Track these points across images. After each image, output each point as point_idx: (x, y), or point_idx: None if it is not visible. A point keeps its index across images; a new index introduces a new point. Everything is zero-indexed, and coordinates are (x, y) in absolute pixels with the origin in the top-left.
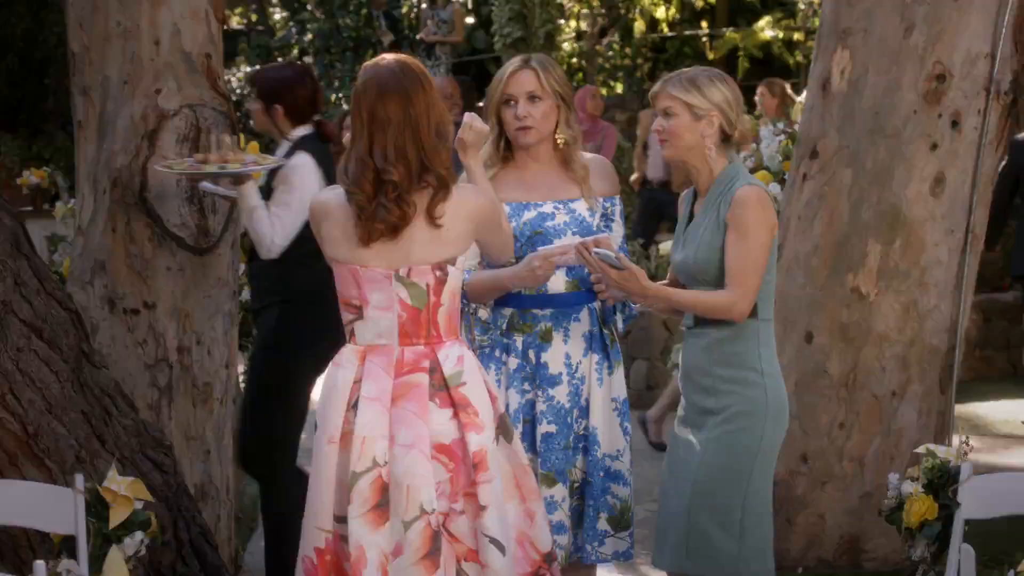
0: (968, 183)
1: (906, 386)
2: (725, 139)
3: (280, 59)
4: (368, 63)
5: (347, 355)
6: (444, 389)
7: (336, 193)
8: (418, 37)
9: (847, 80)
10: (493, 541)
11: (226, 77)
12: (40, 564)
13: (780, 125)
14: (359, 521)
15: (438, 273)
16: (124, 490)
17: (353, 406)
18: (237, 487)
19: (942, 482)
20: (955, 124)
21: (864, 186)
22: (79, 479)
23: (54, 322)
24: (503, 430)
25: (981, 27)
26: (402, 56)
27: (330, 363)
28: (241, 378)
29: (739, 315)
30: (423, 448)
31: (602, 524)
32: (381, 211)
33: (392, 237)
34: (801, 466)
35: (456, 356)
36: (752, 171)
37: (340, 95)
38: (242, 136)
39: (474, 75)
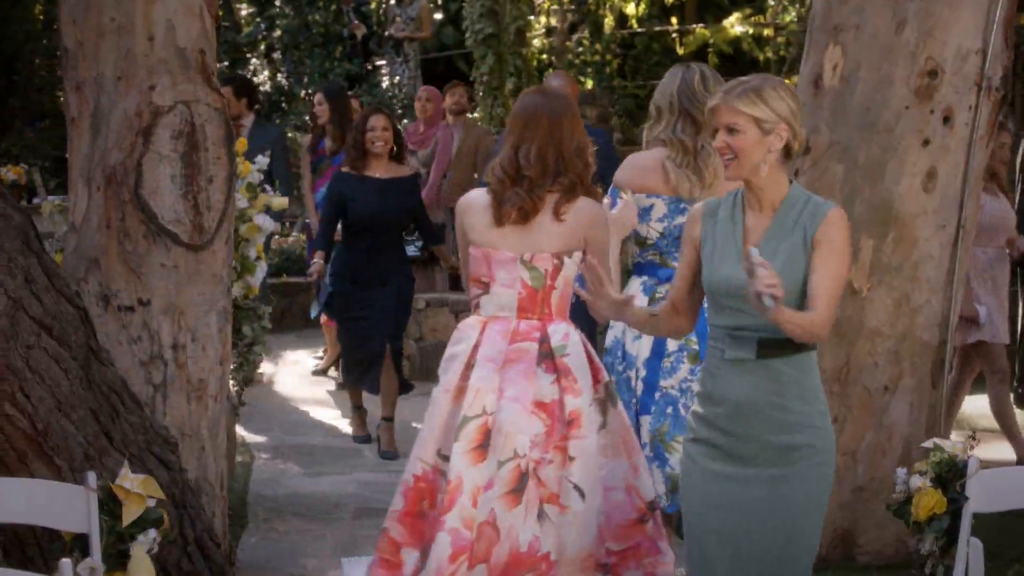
0: (959, 178)
1: (898, 380)
2: (787, 153)
3: (249, 55)
4: (528, 93)
5: (471, 323)
6: (550, 358)
7: (480, 192)
8: (386, 33)
9: (839, 76)
10: (576, 488)
11: None
12: (66, 562)
13: None
14: (462, 457)
15: (556, 261)
16: (137, 488)
17: (470, 366)
18: (228, 484)
19: (950, 476)
20: (947, 120)
21: (856, 181)
22: (91, 477)
23: (63, 319)
24: (609, 397)
25: (972, 23)
26: (555, 88)
27: (456, 330)
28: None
29: (822, 339)
30: (525, 404)
31: None
32: (515, 198)
33: (522, 223)
34: None
35: (563, 332)
36: None
37: (310, 91)
38: None
39: (443, 71)
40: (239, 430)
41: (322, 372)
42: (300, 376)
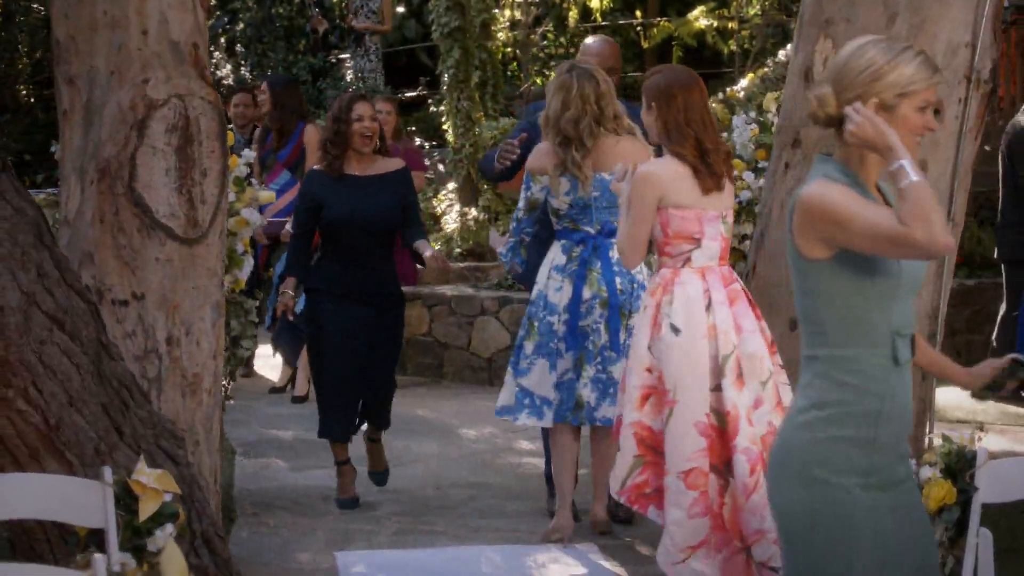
0: (949, 171)
1: None
2: None
3: (211, 49)
4: (663, 67)
5: (688, 274)
6: (746, 293)
7: (661, 163)
8: (346, 25)
9: None
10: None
11: None
12: (100, 557)
13: (752, 114)
14: (731, 388)
15: (731, 214)
16: (153, 482)
17: (707, 308)
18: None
19: (959, 467)
20: (936, 113)
21: None
22: (107, 472)
23: (75, 314)
24: None
25: (962, 16)
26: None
27: (671, 284)
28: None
29: None
30: (759, 333)
31: None
32: (713, 168)
33: (720, 189)
34: None
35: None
36: None
37: None
38: None
39: (405, 64)
40: None
41: (280, 390)
42: (275, 368)
